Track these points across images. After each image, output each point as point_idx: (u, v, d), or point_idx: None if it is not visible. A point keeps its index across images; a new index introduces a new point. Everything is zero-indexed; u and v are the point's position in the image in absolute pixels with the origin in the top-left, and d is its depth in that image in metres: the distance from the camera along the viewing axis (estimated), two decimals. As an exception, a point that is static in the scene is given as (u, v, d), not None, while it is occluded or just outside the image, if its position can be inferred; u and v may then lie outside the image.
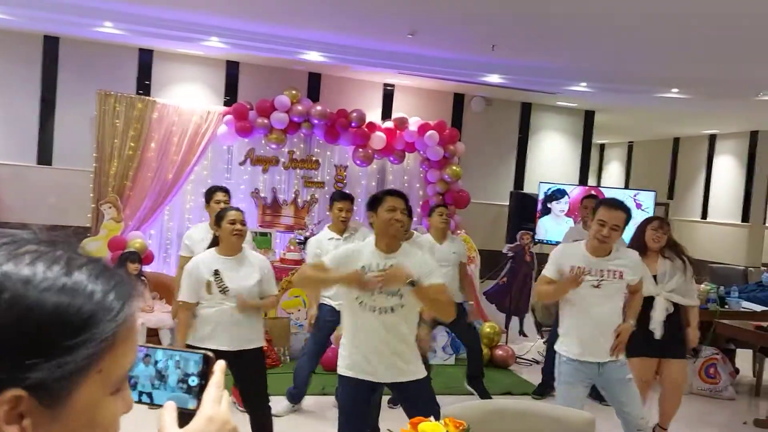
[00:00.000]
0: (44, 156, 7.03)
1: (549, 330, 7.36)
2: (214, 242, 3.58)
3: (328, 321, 4.64)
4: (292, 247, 6.60)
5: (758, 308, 6.08)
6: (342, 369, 3.01)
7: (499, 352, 6.27)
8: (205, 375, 0.86)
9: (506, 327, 7.03)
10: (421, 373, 3.03)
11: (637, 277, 3.45)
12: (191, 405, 0.86)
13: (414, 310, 3.03)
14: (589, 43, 5.88)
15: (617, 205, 3.35)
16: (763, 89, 6.98)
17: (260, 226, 7.15)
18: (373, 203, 2.99)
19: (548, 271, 3.47)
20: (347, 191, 5.77)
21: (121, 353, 0.72)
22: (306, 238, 6.86)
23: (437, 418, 1.76)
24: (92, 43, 6.97)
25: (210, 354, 0.87)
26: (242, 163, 7.26)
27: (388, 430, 4.49)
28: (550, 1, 4.80)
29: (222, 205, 4.43)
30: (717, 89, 7.17)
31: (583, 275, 3.27)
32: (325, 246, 4.60)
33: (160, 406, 0.86)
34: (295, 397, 4.73)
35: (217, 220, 3.51)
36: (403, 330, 2.96)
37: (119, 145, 6.75)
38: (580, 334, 3.36)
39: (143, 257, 5.92)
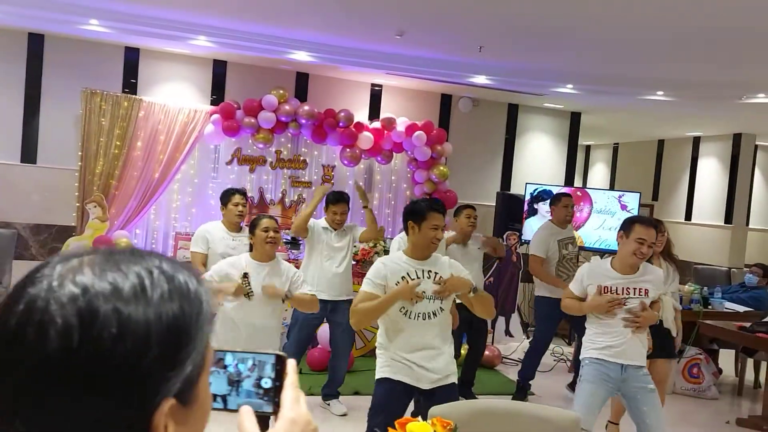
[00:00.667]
0: (28, 154, 6.95)
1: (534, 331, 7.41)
2: (251, 247, 3.65)
3: (311, 319, 4.63)
4: (279, 247, 6.57)
5: (741, 309, 6.15)
6: (383, 373, 3.04)
7: (485, 352, 6.29)
8: (279, 376, 0.84)
9: (492, 327, 7.06)
10: (454, 377, 3.07)
11: (660, 291, 3.57)
12: (267, 408, 0.84)
13: (449, 313, 3.10)
14: (576, 46, 5.92)
15: (652, 222, 3.49)
16: (746, 92, 7.06)
17: (248, 225, 7.12)
18: (416, 216, 3.02)
19: (574, 286, 3.57)
20: (342, 190, 5.71)
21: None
22: (293, 238, 6.85)
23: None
24: (78, 40, 6.91)
25: (283, 354, 0.85)
26: (229, 163, 7.24)
27: (375, 429, 4.50)
28: (536, 4, 4.83)
29: (240, 208, 4.58)
30: (701, 92, 7.25)
31: (618, 305, 3.37)
32: (318, 230, 4.77)
33: (234, 410, 0.83)
34: None
35: (251, 227, 3.58)
36: (445, 333, 3.05)
37: (105, 143, 6.71)
38: (605, 340, 3.45)
39: (129, 257, 5.87)
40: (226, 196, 4.69)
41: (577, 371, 5.54)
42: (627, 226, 3.43)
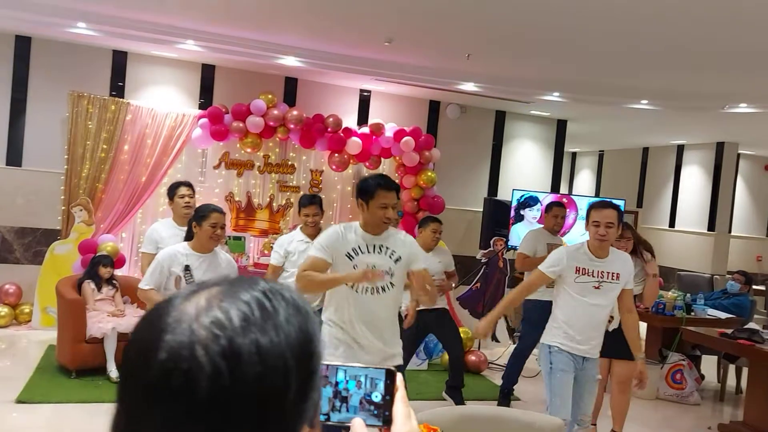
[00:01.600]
0: (14, 157, 6.90)
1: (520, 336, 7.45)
2: (189, 236, 3.53)
3: None
4: (266, 252, 6.58)
5: (723, 315, 6.23)
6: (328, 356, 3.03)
7: (471, 357, 6.32)
8: (389, 390, 0.82)
9: (478, 332, 7.09)
10: (399, 359, 3.07)
11: (630, 280, 3.63)
12: (375, 422, 0.81)
13: (399, 290, 3.10)
14: (562, 55, 5.99)
15: (605, 204, 3.57)
16: (729, 102, 7.17)
17: (234, 230, 7.12)
18: (364, 194, 2.97)
19: (548, 267, 3.62)
20: (318, 194, 5.65)
21: None
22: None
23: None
24: (65, 43, 6.88)
25: (392, 368, 0.84)
26: (217, 167, 7.23)
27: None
28: (524, 13, 4.89)
29: (186, 200, 4.40)
30: (684, 101, 7.35)
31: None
32: (294, 245, 4.59)
33: (338, 425, 0.81)
34: None
35: (198, 218, 3.44)
36: (393, 310, 3.05)
37: (91, 146, 6.67)
38: (575, 329, 3.55)
39: (115, 261, 5.85)
40: (172, 190, 4.55)
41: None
42: (587, 213, 3.65)
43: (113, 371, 5.07)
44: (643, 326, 4.90)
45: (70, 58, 6.97)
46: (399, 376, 0.83)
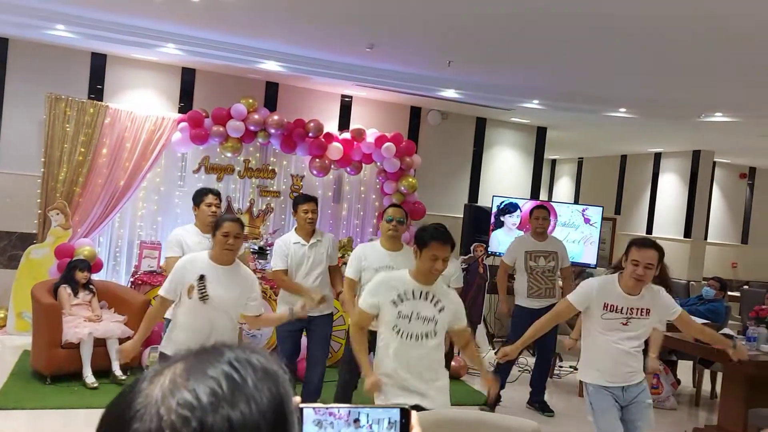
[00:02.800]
0: (-11, 159, 6.81)
1: (501, 341, 7.48)
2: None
3: (289, 331, 4.58)
4: (250, 257, 6.53)
5: (699, 321, 6.30)
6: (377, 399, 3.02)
7: (451, 363, 6.33)
8: (404, 429, 0.82)
9: (458, 338, 7.11)
10: (446, 404, 3.07)
11: (673, 312, 3.51)
12: None
13: (442, 337, 3.11)
14: (542, 63, 6.06)
15: (648, 244, 3.41)
16: (705, 111, 7.30)
17: (214, 234, 7.06)
18: (420, 242, 3.00)
19: (576, 299, 3.48)
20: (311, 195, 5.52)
21: None
22: (260, 248, 6.82)
23: None
24: (43, 45, 6.81)
25: (407, 406, 0.84)
26: (196, 171, 7.19)
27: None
28: (504, 22, 4.93)
29: (213, 208, 4.32)
30: (661, 110, 7.47)
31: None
32: (292, 249, 4.52)
33: None
34: None
35: (214, 227, 3.39)
36: (436, 358, 3.07)
37: (69, 150, 6.60)
38: (602, 366, 3.42)
39: (92, 265, 5.78)
40: (198, 196, 4.44)
41: (536, 386, 5.58)
42: (627, 248, 3.44)
43: (89, 377, 5.01)
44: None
45: (48, 60, 6.89)
46: (415, 415, 0.84)
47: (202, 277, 3.29)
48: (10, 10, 5.69)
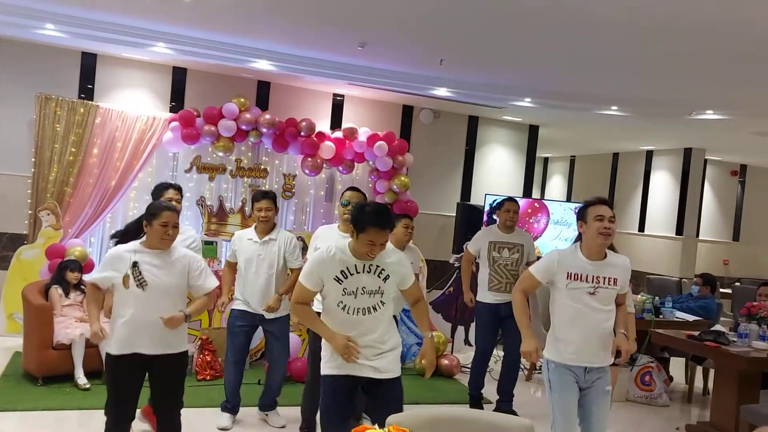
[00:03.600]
0: (-21, 160, 6.77)
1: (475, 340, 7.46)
2: (136, 233, 3.30)
3: (240, 326, 4.51)
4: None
5: (690, 318, 6.34)
6: (327, 369, 3.03)
7: (444, 361, 6.34)
8: None
9: (452, 336, 7.12)
10: (396, 371, 3.07)
11: (627, 285, 3.40)
12: None
13: (391, 304, 3.08)
14: (534, 61, 6.06)
15: (603, 200, 3.32)
16: (696, 109, 7.33)
17: (206, 234, 7.05)
18: (358, 226, 2.94)
19: (537, 270, 3.38)
20: (268, 190, 5.20)
21: None
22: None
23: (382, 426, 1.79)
24: (33, 45, 6.77)
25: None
26: (188, 171, 7.16)
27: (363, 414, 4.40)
28: (496, 20, 4.94)
29: (173, 203, 4.02)
30: (653, 108, 7.49)
31: None
32: (244, 245, 4.49)
33: None
34: (231, 409, 4.59)
35: (148, 216, 3.21)
36: (385, 325, 3.04)
37: (59, 150, 6.57)
38: (574, 339, 3.30)
39: (83, 266, 5.75)
40: (158, 191, 4.24)
41: (503, 394, 5.37)
42: (581, 211, 3.34)
43: (81, 378, 4.98)
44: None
45: (38, 60, 6.85)
46: None
47: (135, 264, 3.14)
48: (0, 9, 5.66)
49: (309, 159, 7.35)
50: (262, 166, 7.47)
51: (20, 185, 6.65)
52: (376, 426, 1.76)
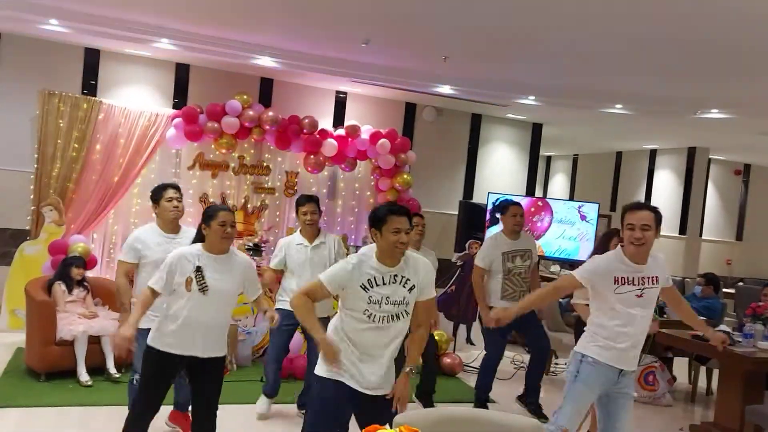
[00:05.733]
0: (-19, 156, 6.76)
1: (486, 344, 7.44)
2: (200, 238, 3.37)
3: (284, 326, 4.58)
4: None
5: (694, 318, 6.32)
6: (323, 370, 2.94)
7: (446, 359, 6.32)
8: None
9: (454, 335, 7.11)
10: (389, 387, 2.99)
11: (669, 278, 3.38)
12: None
13: (407, 323, 3.00)
14: (538, 58, 6.04)
15: (640, 205, 3.27)
16: (701, 108, 7.30)
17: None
18: (377, 222, 2.90)
19: (582, 274, 3.30)
20: (311, 194, 5.37)
21: None
22: (255, 245, 6.79)
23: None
24: (36, 40, 6.75)
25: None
26: (191, 168, 7.14)
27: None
28: (500, 17, 4.91)
29: (174, 203, 4.01)
30: (657, 106, 7.47)
31: None
32: (293, 251, 4.52)
33: None
34: (270, 392, 4.69)
35: (205, 218, 3.30)
36: (396, 341, 2.96)
37: (62, 146, 6.55)
38: (617, 341, 3.24)
39: (86, 262, 5.73)
40: (158, 192, 4.01)
41: (530, 388, 5.45)
42: (621, 218, 3.26)
43: (83, 375, 4.97)
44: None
45: (41, 56, 6.83)
46: None
47: (198, 268, 3.23)
48: (2, 4, 5.63)
49: (311, 156, 7.33)
50: (265, 164, 7.45)
51: (23, 181, 6.63)
52: (387, 426, 1.74)
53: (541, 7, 4.58)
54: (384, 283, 2.89)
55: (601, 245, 4.60)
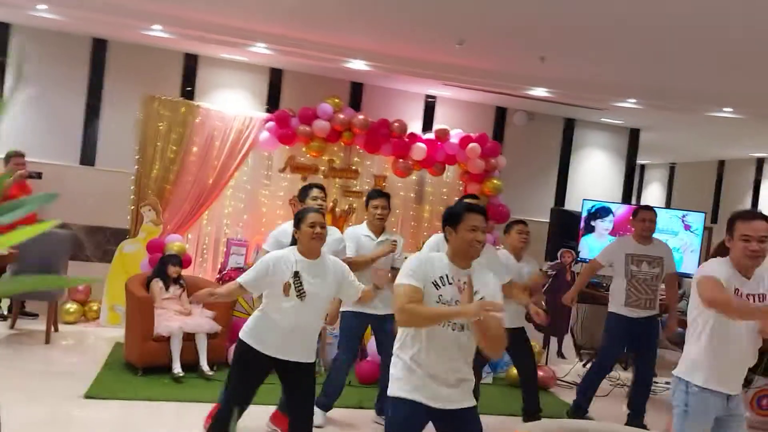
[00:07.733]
0: (87, 157, 7.08)
1: (589, 352, 7.12)
2: (293, 241, 3.41)
3: (356, 329, 4.49)
4: (329, 257, 6.49)
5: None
6: (396, 391, 2.71)
7: (539, 373, 6.05)
8: None
9: (544, 347, 6.83)
10: (472, 400, 2.79)
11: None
12: None
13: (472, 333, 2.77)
14: (642, 56, 5.72)
15: (754, 214, 3.02)
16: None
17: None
18: (453, 219, 2.75)
19: (717, 279, 2.97)
20: (383, 190, 5.34)
21: None
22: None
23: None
24: (138, 46, 7.03)
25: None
26: (282, 171, 7.22)
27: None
28: (603, 12, 4.67)
29: (319, 202, 4.20)
30: (772, 110, 6.94)
31: None
32: (363, 242, 4.48)
33: None
34: (327, 406, 4.55)
35: (297, 221, 3.33)
36: (471, 348, 2.74)
37: (161, 148, 6.76)
38: (723, 362, 3.01)
39: (182, 260, 5.87)
40: (305, 191, 4.28)
41: (635, 409, 5.13)
42: (729, 225, 3.02)
43: (177, 368, 5.06)
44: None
45: (143, 61, 7.11)
46: None
47: (296, 274, 3.22)
48: (109, 10, 5.87)
49: (400, 160, 7.26)
50: (354, 167, 7.43)
51: (124, 182, 6.89)
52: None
53: (647, 2, 4.32)
54: (454, 283, 2.69)
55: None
